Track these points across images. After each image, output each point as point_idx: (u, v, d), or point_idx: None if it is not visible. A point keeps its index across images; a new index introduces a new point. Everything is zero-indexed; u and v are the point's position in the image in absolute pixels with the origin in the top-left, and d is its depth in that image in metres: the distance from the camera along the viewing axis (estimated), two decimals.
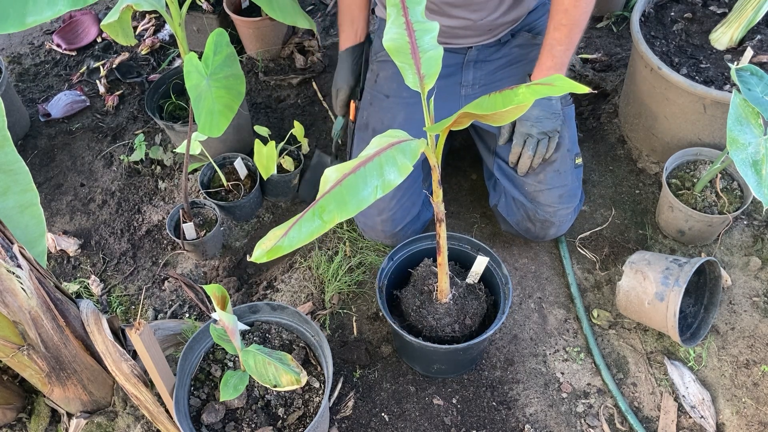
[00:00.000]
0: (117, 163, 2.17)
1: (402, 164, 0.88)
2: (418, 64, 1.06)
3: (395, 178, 0.86)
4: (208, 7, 2.37)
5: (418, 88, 1.07)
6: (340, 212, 0.80)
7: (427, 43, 1.07)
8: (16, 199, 1.25)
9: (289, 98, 2.33)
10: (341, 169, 0.85)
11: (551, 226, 1.71)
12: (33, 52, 2.63)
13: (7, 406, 1.48)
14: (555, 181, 1.65)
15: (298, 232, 0.79)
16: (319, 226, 0.80)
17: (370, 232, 1.78)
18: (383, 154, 0.89)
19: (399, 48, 1.05)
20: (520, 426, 1.54)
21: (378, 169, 0.86)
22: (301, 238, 0.80)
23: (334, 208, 0.81)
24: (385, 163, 0.87)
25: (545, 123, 1.54)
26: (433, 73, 1.07)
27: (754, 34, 1.85)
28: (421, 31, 1.06)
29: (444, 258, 1.31)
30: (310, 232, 0.79)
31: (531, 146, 1.56)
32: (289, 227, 0.80)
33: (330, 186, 0.83)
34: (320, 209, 0.81)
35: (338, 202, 0.81)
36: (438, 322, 1.43)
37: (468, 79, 1.70)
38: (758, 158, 1.44)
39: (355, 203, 0.81)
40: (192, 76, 1.39)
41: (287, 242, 0.79)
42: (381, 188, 0.84)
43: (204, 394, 1.39)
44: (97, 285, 1.86)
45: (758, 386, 1.57)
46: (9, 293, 1.15)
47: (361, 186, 0.83)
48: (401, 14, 1.05)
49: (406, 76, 1.06)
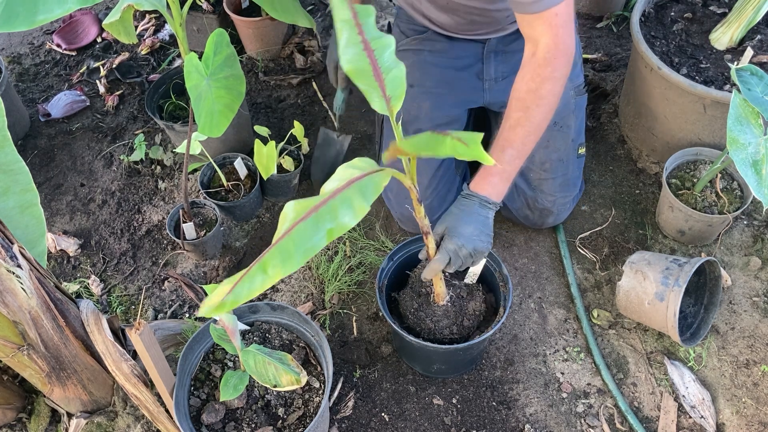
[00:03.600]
0: (117, 163, 2.17)
1: (358, 206, 0.85)
2: (382, 86, 0.99)
3: (349, 221, 0.84)
4: (208, 7, 2.37)
5: (386, 111, 1.01)
6: (285, 266, 0.80)
7: (387, 60, 0.99)
8: (16, 199, 1.25)
9: (289, 98, 2.33)
10: (297, 210, 0.83)
11: (550, 215, 1.74)
12: (33, 52, 2.63)
13: (7, 406, 1.48)
14: (558, 171, 1.67)
15: (243, 288, 0.80)
16: (263, 280, 0.80)
17: (408, 223, 1.79)
18: (339, 196, 0.86)
19: (360, 70, 0.97)
20: (520, 426, 1.54)
21: (332, 212, 0.84)
22: (246, 293, 0.79)
23: (279, 262, 0.80)
24: (340, 205, 0.85)
25: (477, 243, 1.30)
26: (399, 95, 1.01)
27: (754, 34, 1.85)
28: (380, 48, 0.98)
29: None
30: (254, 287, 0.79)
31: (454, 267, 1.30)
32: (234, 283, 0.80)
33: (281, 233, 0.82)
34: (264, 264, 0.80)
35: (283, 256, 0.80)
36: (436, 324, 1.43)
37: (490, 73, 1.69)
38: (758, 158, 1.44)
39: (300, 254, 0.80)
40: (192, 76, 1.39)
41: (232, 298, 0.79)
42: (333, 232, 0.82)
43: (204, 394, 1.39)
44: (97, 285, 1.86)
45: (758, 386, 1.57)
46: (9, 293, 1.15)
47: (311, 233, 0.82)
48: (356, 32, 0.96)
49: (372, 100, 1.00)
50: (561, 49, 1.29)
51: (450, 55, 1.68)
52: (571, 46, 1.31)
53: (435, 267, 1.29)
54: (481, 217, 1.32)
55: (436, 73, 1.69)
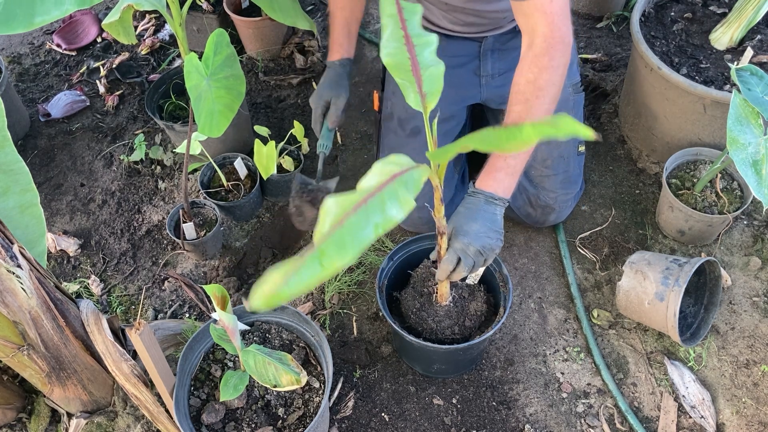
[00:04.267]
0: (117, 163, 2.17)
1: (404, 199, 0.83)
2: (419, 82, 0.99)
3: (397, 214, 0.81)
4: (208, 7, 2.37)
5: (420, 107, 1.01)
6: (341, 257, 0.76)
7: (427, 58, 1.00)
8: (16, 199, 1.25)
9: (289, 98, 2.33)
10: (342, 204, 0.80)
11: (552, 212, 1.75)
12: (33, 52, 2.63)
13: (7, 406, 1.48)
14: (560, 167, 1.67)
15: (298, 279, 0.73)
16: (319, 272, 0.74)
17: (407, 221, 1.79)
18: (385, 189, 0.83)
19: (399, 64, 0.98)
20: (520, 426, 1.54)
21: (380, 205, 0.81)
22: (301, 285, 0.73)
23: (335, 253, 0.76)
24: (388, 198, 0.82)
25: (485, 240, 1.28)
26: (435, 91, 1.00)
27: (754, 34, 1.85)
28: (421, 45, 0.99)
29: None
30: (309, 278, 0.74)
31: (466, 266, 1.27)
32: (288, 273, 0.74)
33: (329, 227, 0.78)
34: (320, 254, 0.75)
35: (339, 247, 0.76)
36: (438, 324, 1.43)
37: (487, 70, 1.70)
38: (758, 158, 1.44)
39: (354, 246, 0.77)
40: (192, 77, 1.39)
41: (287, 290, 0.73)
42: (382, 226, 0.79)
43: (204, 394, 1.39)
44: (97, 285, 1.86)
45: (758, 386, 1.57)
46: (9, 293, 1.15)
47: (361, 226, 0.78)
48: (399, 27, 0.97)
49: (407, 94, 1.00)
50: (557, 37, 1.28)
51: (447, 53, 1.68)
52: (568, 34, 1.30)
53: (445, 267, 1.28)
54: (488, 214, 1.29)
55: None
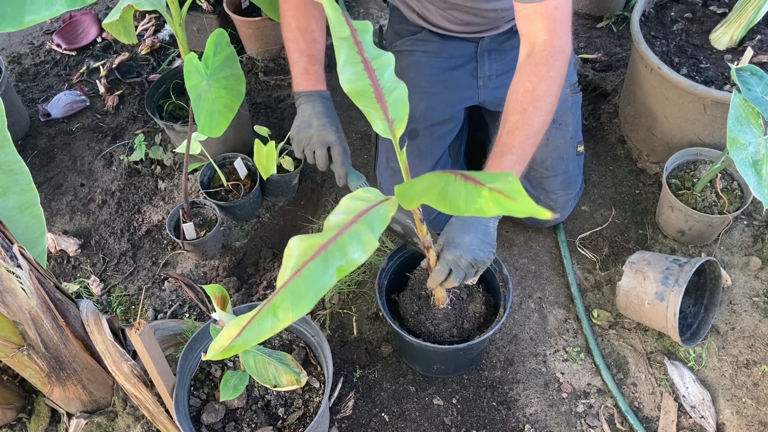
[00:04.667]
0: (117, 163, 2.17)
1: (367, 240, 0.81)
2: (385, 108, 0.95)
3: (359, 257, 0.80)
4: (208, 7, 2.37)
5: (389, 135, 0.97)
6: (295, 309, 0.76)
7: (388, 80, 0.96)
8: (16, 199, 1.25)
9: (289, 98, 2.33)
10: (304, 248, 0.79)
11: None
12: (33, 52, 2.63)
13: (7, 406, 1.48)
14: (559, 168, 1.67)
15: (252, 332, 0.76)
16: (273, 324, 0.76)
17: (396, 227, 1.78)
18: (347, 231, 0.82)
19: (361, 91, 0.94)
20: (520, 426, 1.54)
21: (341, 249, 0.80)
22: (254, 337, 0.76)
23: (289, 304, 0.76)
24: (349, 241, 0.81)
25: (477, 253, 1.26)
26: (402, 116, 0.97)
27: (755, 34, 1.85)
28: (381, 68, 0.95)
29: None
30: (263, 331, 0.76)
31: (457, 278, 1.26)
32: (243, 327, 0.76)
33: (289, 273, 0.78)
34: (274, 307, 0.76)
35: (294, 298, 0.76)
36: (436, 327, 1.43)
37: (484, 71, 1.69)
38: (758, 158, 1.44)
39: (312, 295, 0.77)
40: (192, 76, 1.39)
41: (240, 342, 0.76)
42: (344, 269, 0.79)
43: (204, 394, 1.39)
44: (97, 285, 1.86)
45: (758, 386, 1.57)
46: (9, 293, 1.15)
47: (321, 272, 0.78)
48: (356, 51, 0.93)
49: (374, 122, 0.96)
50: (558, 46, 1.28)
51: (444, 54, 1.68)
52: (568, 45, 1.30)
53: (436, 278, 1.27)
54: (481, 227, 1.28)
55: (431, 73, 1.69)
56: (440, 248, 1.29)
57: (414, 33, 1.70)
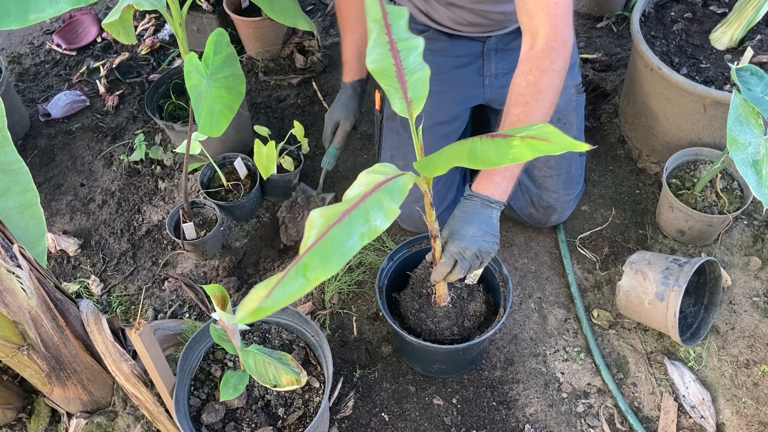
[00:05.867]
0: (117, 163, 2.17)
1: (389, 207, 0.83)
2: (404, 88, 0.99)
3: (381, 224, 0.81)
4: (208, 7, 2.37)
5: (406, 114, 1.01)
6: (324, 269, 0.76)
7: (412, 63, 1.00)
8: (16, 199, 1.25)
9: (289, 98, 2.33)
10: (326, 216, 0.80)
11: (554, 212, 1.76)
12: (33, 52, 2.63)
13: (7, 406, 1.48)
14: (562, 167, 1.68)
15: (282, 292, 0.75)
16: (303, 284, 0.76)
17: (408, 221, 1.80)
18: (369, 199, 0.84)
19: (383, 70, 0.98)
20: (520, 426, 1.54)
21: (364, 215, 0.81)
22: (285, 298, 0.75)
23: (318, 265, 0.76)
24: (371, 207, 0.82)
25: (481, 244, 1.28)
26: (421, 97, 1.00)
27: (755, 34, 1.85)
28: (406, 50, 0.99)
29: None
30: (293, 291, 0.75)
31: (462, 269, 1.27)
32: (272, 287, 0.75)
33: (313, 239, 0.78)
34: (304, 267, 0.76)
35: (322, 259, 0.77)
36: (437, 325, 1.43)
37: (490, 70, 1.69)
38: (758, 158, 1.44)
39: (339, 257, 0.77)
40: (192, 76, 1.39)
41: (270, 303, 0.75)
42: (367, 236, 0.80)
43: (204, 394, 1.39)
44: (97, 285, 1.86)
45: (758, 386, 1.57)
46: (9, 293, 1.15)
47: (345, 237, 0.79)
48: (384, 32, 0.96)
49: (393, 100, 1.00)
50: (560, 40, 1.28)
51: (450, 53, 1.69)
52: (570, 38, 1.30)
53: (441, 270, 1.28)
54: (484, 218, 1.29)
55: (437, 72, 1.68)
56: (444, 240, 1.30)
57: (421, 32, 1.71)
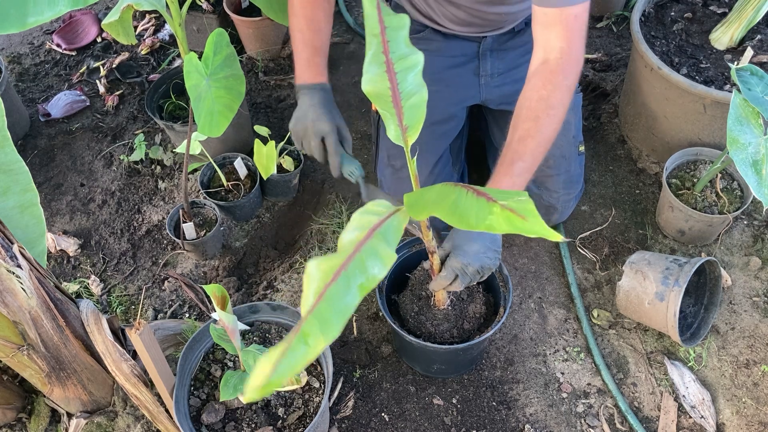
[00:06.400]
0: (117, 163, 2.17)
1: (385, 254, 0.80)
2: (400, 114, 0.94)
3: (379, 272, 0.79)
4: (208, 7, 2.37)
5: (401, 141, 0.97)
6: (325, 334, 0.74)
7: (410, 84, 0.94)
8: (16, 199, 1.25)
9: (289, 98, 2.33)
10: (324, 270, 0.78)
11: (554, 212, 1.76)
12: (33, 52, 2.63)
13: (7, 406, 1.48)
14: (561, 167, 1.68)
15: (285, 365, 0.73)
16: (305, 352, 0.74)
17: (407, 225, 1.79)
18: (364, 248, 0.80)
19: (379, 94, 0.92)
20: (520, 426, 1.54)
21: (360, 266, 0.78)
22: (290, 368, 0.73)
23: (318, 331, 0.74)
24: (367, 257, 0.79)
25: (484, 260, 1.27)
26: (417, 124, 0.95)
27: (755, 33, 1.85)
28: (404, 71, 0.93)
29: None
30: (297, 360, 0.73)
31: (462, 284, 1.27)
32: (275, 361, 0.74)
33: (312, 300, 0.76)
34: (304, 335, 0.74)
35: (321, 323, 0.75)
36: (436, 328, 1.43)
37: (486, 70, 1.69)
38: (758, 158, 1.44)
39: (339, 317, 0.75)
40: (192, 76, 1.39)
41: (276, 377, 0.73)
42: (366, 287, 0.78)
43: (204, 394, 1.39)
44: (97, 285, 1.86)
45: (758, 386, 1.57)
46: (9, 293, 1.15)
47: (343, 293, 0.77)
48: (381, 50, 0.90)
49: (388, 126, 0.96)
50: (574, 56, 1.28)
51: (446, 53, 1.69)
52: (581, 56, 1.30)
53: (441, 283, 1.28)
54: (488, 234, 1.28)
55: (432, 71, 1.68)
56: (445, 253, 1.29)
57: (417, 32, 1.71)
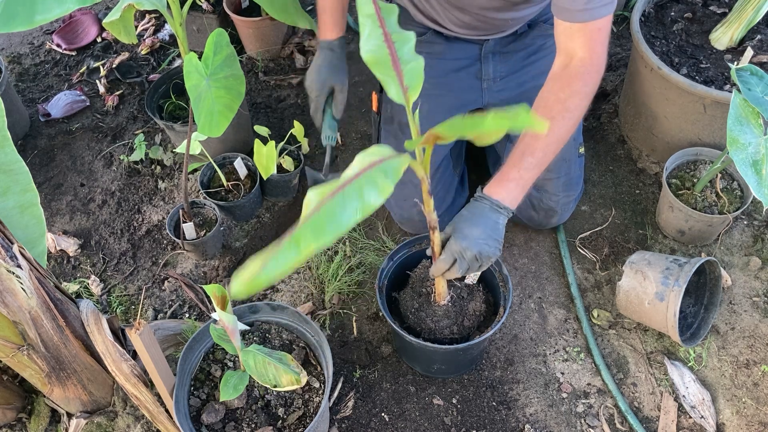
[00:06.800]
0: (117, 163, 2.17)
1: (383, 185, 0.84)
2: (400, 76, 1.02)
3: (375, 201, 0.83)
4: (208, 7, 2.37)
5: (402, 101, 1.03)
6: (317, 240, 0.78)
7: (406, 53, 1.03)
8: (16, 199, 1.25)
9: (289, 98, 2.33)
10: (322, 193, 0.82)
11: (554, 214, 1.76)
12: (33, 52, 2.63)
13: (7, 406, 1.48)
14: (561, 170, 1.68)
15: (275, 264, 0.76)
16: (296, 255, 0.77)
17: (408, 224, 1.80)
18: (363, 175, 0.85)
19: (379, 60, 1.01)
20: (520, 426, 1.54)
21: (358, 191, 0.83)
22: (279, 269, 0.76)
23: (311, 236, 0.78)
24: (365, 184, 0.84)
25: (483, 247, 1.27)
26: (416, 85, 1.03)
27: (754, 34, 1.85)
28: (400, 42, 1.02)
29: None
30: (287, 262, 0.76)
31: (460, 269, 1.27)
32: (266, 259, 0.77)
33: (309, 212, 0.80)
34: (296, 239, 0.78)
35: (315, 231, 0.78)
36: (436, 324, 1.43)
37: (488, 73, 1.70)
38: (758, 158, 1.44)
39: (332, 229, 0.79)
40: (192, 76, 1.39)
41: (265, 274, 0.76)
42: (361, 210, 0.81)
43: (204, 394, 1.39)
44: (97, 285, 1.86)
45: (758, 386, 1.57)
46: (9, 293, 1.15)
47: (339, 211, 0.80)
48: (378, 25, 1.01)
49: (389, 89, 1.02)
50: (596, 64, 1.30)
51: (448, 56, 1.69)
52: (603, 64, 1.32)
53: (439, 267, 1.29)
54: (490, 221, 1.29)
55: (434, 76, 1.69)
56: (446, 237, 1.30)
57: (420, 34, 1.71)
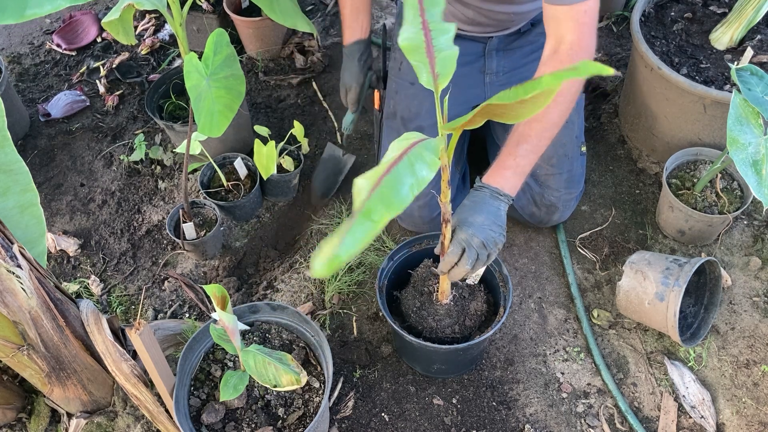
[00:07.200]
0: (117, 163, 2.17)
1: (430, 160, 0.89)
2: (432, 63, 1.05)
3: (427, 174, 0.87)
4: (208, 7, 2.37)
5: (432, 86, 1.06)
6: (389, 209, 0.80)
7: (442, 43, 1.06)
8: (16, 199, 1.25)
9: (289, 98, 2.33)
10: (371, 176, 0.84)
11: (556, 211, 1.76)
12: (33, 52, 2.63)
13: (7, 406, 1.48)
14: (564, 166, 1.69)
15: (352, 238, 0.75)
16: (370, 227, 0.78)
17: (408, 220, 1.80)
18: (411, 152, 0.89)
19: (414, 47, 1.04)
20: (520, 426, 1.54)
21: (409, 167, 0.87)
22: (356, 242, 0.75)
23: (382, 206, 0.80)
24: (415, 161, 0.88)
25: (488, 233, 1.29)
26: (447, 73, 1.06)
27: (754, 34, 1.85)
28: (438, 31, 1.05)
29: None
30: (363, 235, 0.77)
31: (470, 259, 1.27)
32: (342, 236, 0.76)
33: (368, 191, 0.82)
34: (368, 211, 0.79)
35: (384, 201, 0.81)
36: (438, 323, 1.43)
37: (492, 67, 1.71)
38: (758, 158, 1.44)
39: (398, 200, 0.82)
40: (192, 76, 1.39)
41: (344, 250, 0.74)
42: (416, 186, 0.85)
43: (204, 394, 1.39)
44: (97, 285, 1.86)
45: (758, 386, 1.57)
46: (9, 293, 1.15)
47: (398, 185, 0.84)
48: (418, 14, 1.04)
49: (420, 74, 1.06)
50: (584, 47, 1.31)
51: None
52: (592, 46, 1.32)
53: (449, 260, 1.30)
54: (492, 208, 1.31)
55: None
56: (452, 230, 1.31)
57: None
